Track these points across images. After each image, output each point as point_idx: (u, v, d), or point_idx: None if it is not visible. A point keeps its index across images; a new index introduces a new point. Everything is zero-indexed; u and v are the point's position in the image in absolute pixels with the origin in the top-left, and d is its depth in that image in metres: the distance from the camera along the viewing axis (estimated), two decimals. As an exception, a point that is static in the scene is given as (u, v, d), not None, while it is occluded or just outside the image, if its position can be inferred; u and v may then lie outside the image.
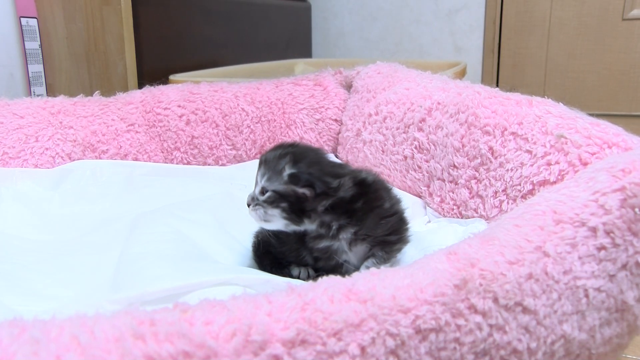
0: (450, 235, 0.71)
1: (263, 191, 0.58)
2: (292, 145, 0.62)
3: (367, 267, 0.59)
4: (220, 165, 1.11)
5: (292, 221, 0.58)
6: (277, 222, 0.58)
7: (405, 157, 0.89)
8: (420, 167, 0.86)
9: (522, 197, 0.66)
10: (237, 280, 0.53)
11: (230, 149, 1.12)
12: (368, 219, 0.58)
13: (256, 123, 1.13)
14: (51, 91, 1.47)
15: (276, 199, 0.57)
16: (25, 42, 1.41)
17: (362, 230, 0.58)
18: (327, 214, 0.57)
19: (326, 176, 0.57)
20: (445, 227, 0.74)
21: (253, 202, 0.59)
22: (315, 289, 0.35)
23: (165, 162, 1.07)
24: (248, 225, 0.70)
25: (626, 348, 0.47)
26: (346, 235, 0.58)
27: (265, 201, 0.57)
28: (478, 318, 0.37)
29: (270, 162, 0.58)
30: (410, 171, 0.88)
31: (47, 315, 0.33)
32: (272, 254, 0.64)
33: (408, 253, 0.68)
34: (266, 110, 1.15)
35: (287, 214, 0.57)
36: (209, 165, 1.10)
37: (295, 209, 0.57)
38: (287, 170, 0.57)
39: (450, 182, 0.79)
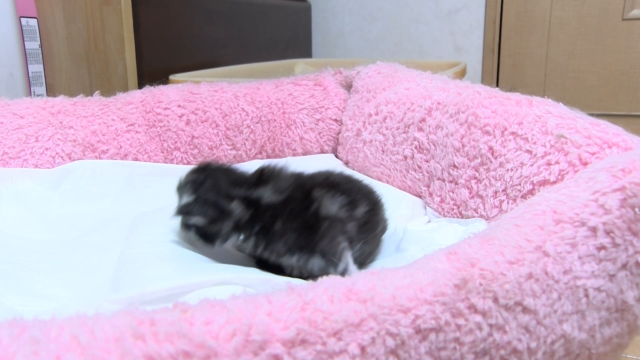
0: (450, 235, 0.71)
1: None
2: (199, 169, 0.62)
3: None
4: (220, 165, 1.11)
5: (205, 244, 0.59)
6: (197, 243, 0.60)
7: (405, 157, 0.89)
8: (420, 167, 0.86)
9: (522, 197, 0.66)
10: (237, 279, 0.53)
11: (230, 149, 1.12)
12: (268, 236, 0.57)
13: (256, 123, 1.13)
14: (51, 91, 1.47)
15: (185, 226, 0.59)
16: (25, 42, 1.41)
17: (270, 246, 0.57)
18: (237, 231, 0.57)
19: (221, 199, 0.57)
20: (446, 227, 0.74)
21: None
22: (315, 288, 0.35)
23: (165, 162, 1.07)
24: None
25: (626, 348, 0.46)
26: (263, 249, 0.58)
27: (180, 225, 0.60)
28: (478, 318, 0.37)
29: (180, 189, 0.61)
30: (410, 171, 0.88)
31: (47, 315, 0.33)
32: None
33: (408, 252, 0.68)
34: (266, 110, 1.15)
35: (199, 236, 0.59)
36: (209, 165, 1.10)
37: (201, 234, 0.58)
38: (181, 202, 0.59)
39: (450, 182, 0.79)
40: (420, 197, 0.87)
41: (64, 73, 1.48)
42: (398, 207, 0.81)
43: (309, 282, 0.37)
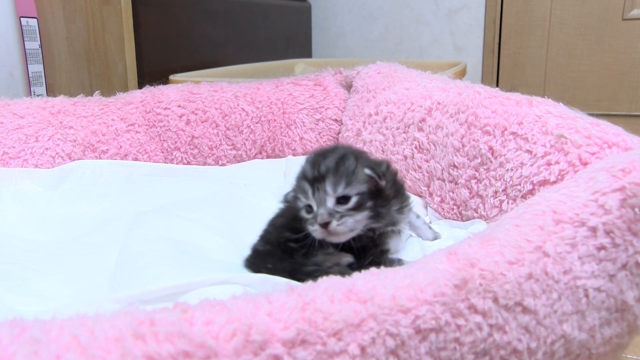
0: (450, 237, 0.71)
1: (342, 200, 0.55)
2: (335, 148, 0.61)
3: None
4: (220, 165, 1.11)
5: (375, 220, 0.57)
6: (359, 228, 0.56)
7: (405, 157, 0.89)
8: (420, 167, 0.86)
9: (522, 197, 0.66)
10: (237, 279, 0.53)
11: (230, 149, 1.12)
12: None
13: (256, 123, 1.13)
14: (51, 91, 1.47)
15: (363, 201, 0.56)
16: (25, 42, 1.41)
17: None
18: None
19: (376, 166, 0.58)
20: (447, 230, 0.75)
21: (335, 216, 0.55)
22: (315, 289, 0.35)
23: (165, 162, 1.07)
24: (248, 223, 0.70)
25: (626, 348, 0.46)
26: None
27: (351, 208, 0.55)
28: (478, 318, 0.37)
29: (336, 168, 0.56)
30: (410, 171, 0.88)
31: (47, 315, 0.33)
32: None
33: (409, 253, 0.68)
34: (266, 110, 1.15)
35: (372, 212, 0.56)
36: (209, 165, 1.10)
37: (376, 205, 0.57)
38: (362, 169, 0.57)
39: (450, 182, 0.79)
40: (420, 196, 0.87)
41: (64, 73, 1.48)
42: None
43: (309, 283, 0.37)
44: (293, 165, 1.02)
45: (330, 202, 0.55)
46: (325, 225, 0.54)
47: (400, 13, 2.50)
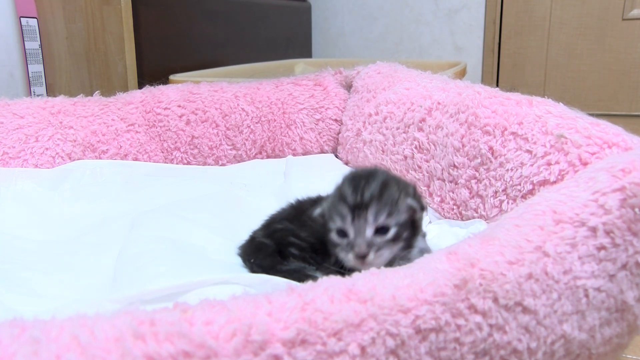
0: (450, 236, 0.71)
1: (381, 230, 0.52)
2: (375, 171, 0.57)
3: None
4: (220, 165, 1.11)
5: (404, 250, 0.54)
6: (388, 259, 0.53)
7: (405, 157, 0.89)
8: (420, 167, 0.86)
9: (522, 197, 0.66)
10: (237, 279, 0.53)
11: (230, 149, 1.12)
12: None
13: (256, 123, 1.13)
14: (51, 91, 1.47)
15: (400, 232, 0.52)
16: (25, 42, 1.41)
17: None
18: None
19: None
20: (447, 230, 0.74)
21: (373, 247, 0.51)
22: (315, 289, 0.35)
23: (165, 162, 1.07)
24: (248, 223, 0.70)
25: (626, 348, 0.47)
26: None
27: (390, 240, 0.52)
28: (478, 318, 0.37)
29: (380, 196, 0.52)
30: (410, 171, 0.88)
31: (47, 315, 0.33)
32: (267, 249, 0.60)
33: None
34: (266, 110, 1.15)
35: (405, 243, 0.53)
36: (209, 165, 1.10)
37: (409, 236, 0.54)
38: (405, 199, 0.54)
39: (450, 182, 0.79)
40: (420, 197, 0.87)
41: (64, 73, 1.48)
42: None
43: (309, 283, 0.37)
44: (293, 165, 1.02)
45: (370, 232, 0.52)
46: (362, 257, 0.51)
47: (400, 13, 2.50)
